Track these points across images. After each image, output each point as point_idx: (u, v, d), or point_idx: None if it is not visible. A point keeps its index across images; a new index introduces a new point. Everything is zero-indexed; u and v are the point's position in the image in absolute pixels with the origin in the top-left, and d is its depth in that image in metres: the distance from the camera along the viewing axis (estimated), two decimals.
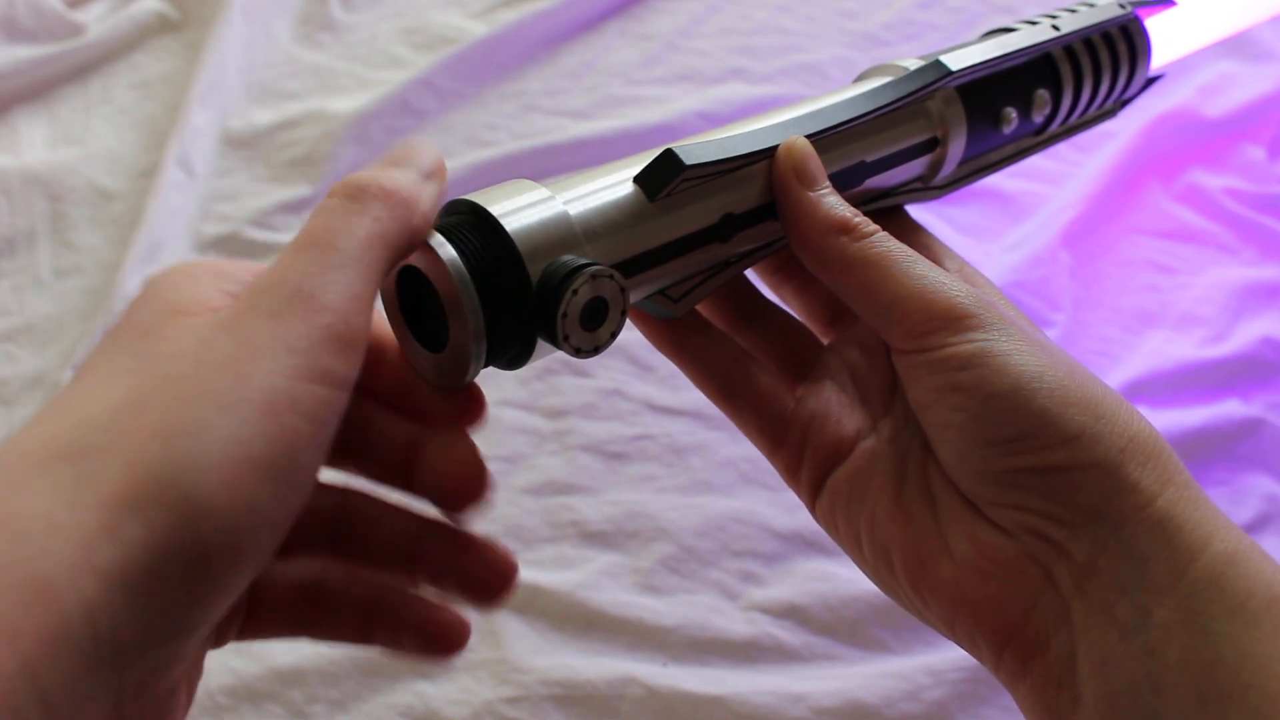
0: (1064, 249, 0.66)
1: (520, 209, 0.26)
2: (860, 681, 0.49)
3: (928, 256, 0.31)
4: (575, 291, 0.25)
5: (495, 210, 0.26)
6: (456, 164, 0.72)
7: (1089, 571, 0.27)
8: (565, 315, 0.26)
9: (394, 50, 0.82)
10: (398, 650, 0.27)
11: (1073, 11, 0.38)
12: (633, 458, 0.58)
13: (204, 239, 0.71)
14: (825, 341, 0.35)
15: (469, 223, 0.26)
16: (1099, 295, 0.65)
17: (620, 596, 0.53)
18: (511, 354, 0.27)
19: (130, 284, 0.66)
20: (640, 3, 0.85)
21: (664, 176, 0.28)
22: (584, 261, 0.26)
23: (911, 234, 0.35)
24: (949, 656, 0.50)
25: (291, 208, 0.72)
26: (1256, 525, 0.54)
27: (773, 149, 0.30)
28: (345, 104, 0.77)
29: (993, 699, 0.49)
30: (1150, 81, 0.42)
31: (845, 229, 0.29)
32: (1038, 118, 0.37)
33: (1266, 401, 0.59)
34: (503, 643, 0.51)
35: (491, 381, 0.62)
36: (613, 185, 0.28)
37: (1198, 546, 0.26)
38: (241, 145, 0.76)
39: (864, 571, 0.31)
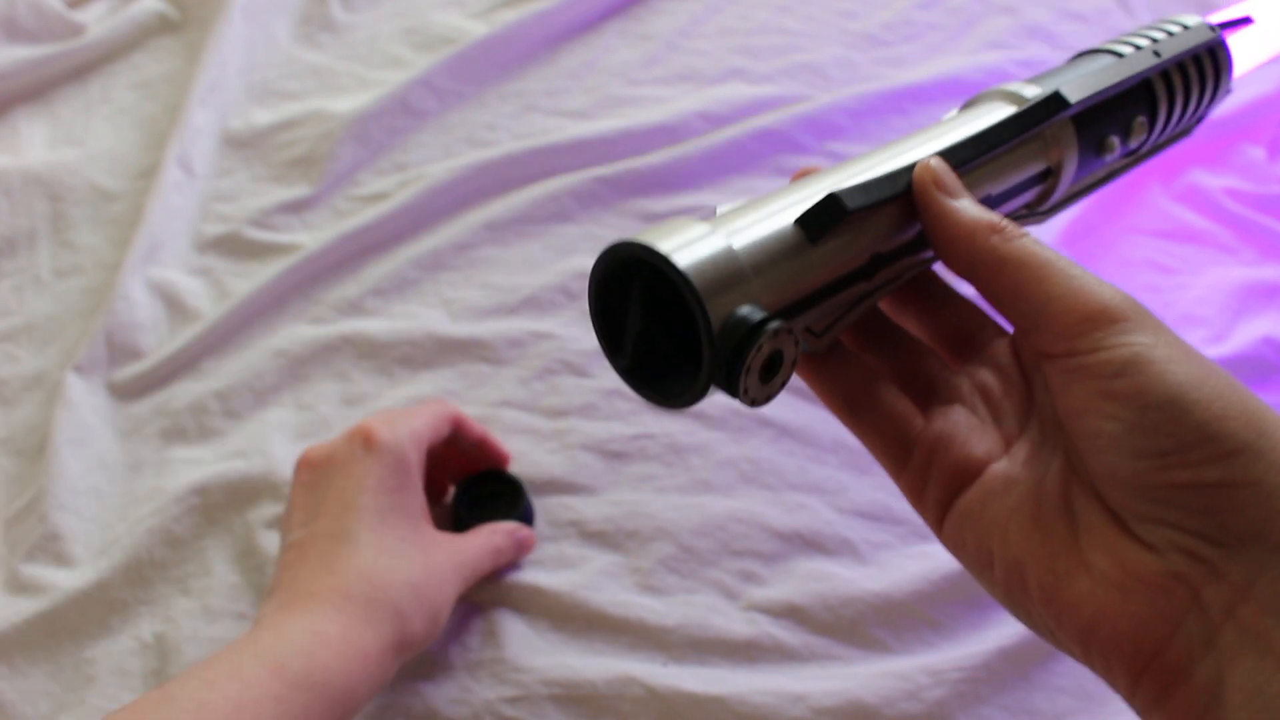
0: (1064, 249, 0.66)
1: (687, 245, 0.27)
2: (860, 681, 0.49)
3: None
4: (760, 347, 0.26)
5: (663, 247, 0.26)
6: (457, 164, 0.72)
7: (1244, 595, 0.25)
8: (749, 370, 0.26)
9: (394, 50, 0.82)
10: None
11: (1170, 35, 0.38)
12: (633, 458, 0.58)
13: (204, 239, 0.71)
14: (952, 367, 0.34)
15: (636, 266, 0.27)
16: None
17: (620, 596, 0.53)
18: (687, 396, 0.28)
19: (130, 284, 0.66)
20: (640, 3, 0.85)
21: (827, 221, 0.29)
22: (764, 315, 0.26)
23: None
24: (949, 656, 0.50)
25: (291, 208, 0.72)
26: None
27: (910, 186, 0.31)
28: (345, 104, 0.77)
29: (993, 699, 0.49)
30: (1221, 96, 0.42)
31: (996, 229, 0.29)
32: (1134, 143, 0.38)
33: (1266, 401, 0.58)
34: (503, 643, 0.51)
35: (491, 381, 0.62)
36: (773, 220, 0.29)
37: None
38: (241, 145, 0.76)
39: (994, 595, 0.30)
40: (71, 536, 0.56)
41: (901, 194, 0.30)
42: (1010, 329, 0.32)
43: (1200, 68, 0.39)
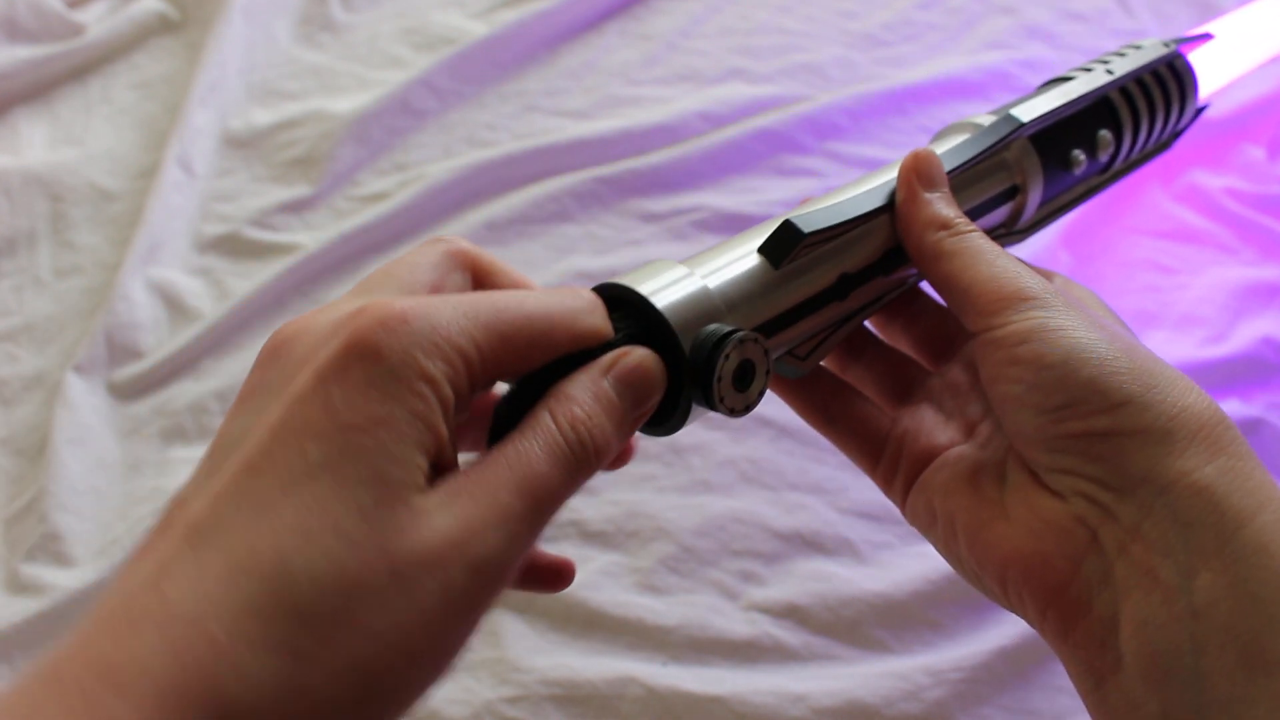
0: (1064, 249, 0.66)
1: (665, 287, 0.29)
2: (860, 681, 0.49)
3: None
4: (728, 357, 0.28)
5: (644, 289, 0.29)
6: (457, 164, 0.72)
7: (1134, 535, 0.28)
8: (720, 379, 0.28)
9: (394, 50, 0.82)
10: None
11: (1122, 55, 0.41)
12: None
13: (204, 239, 0.71)
14: (931, 370, 0.37)
15: (619, 303, 0.29)
16: (1099, 295, 0.65)
17: (620, 596, 0.53)
18: (670, 421, 0.30)
19: (130, 284, 0.66)
20: (640, 3, 0.85)
21: (786, 245, 0.31)
22: (731, 328, 0.28)
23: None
24: (949, 656, 0.50)
25: (291, 208, 0.72)
26: None
27: (878, 210, 0.33)
28: (345, 104, 0.77)
29: (993, 699, 0.49)
30: (1199, 111, 0.44)
31: (945, 225, 0.33)
32: (1103, 157, 0.40)
33: (1266, 401, 0.59)
34: (503, 643, 0.51)
35: None
36: (742, 257, 0.31)
37: (1247, 514, 0.27)
38: (241, 145, 0.76)
39: (935, 547, 0.34)
40: (71, 536, 0.56)
41: (865, 217, 0.33)
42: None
43: (1161, 82, 0.41)
